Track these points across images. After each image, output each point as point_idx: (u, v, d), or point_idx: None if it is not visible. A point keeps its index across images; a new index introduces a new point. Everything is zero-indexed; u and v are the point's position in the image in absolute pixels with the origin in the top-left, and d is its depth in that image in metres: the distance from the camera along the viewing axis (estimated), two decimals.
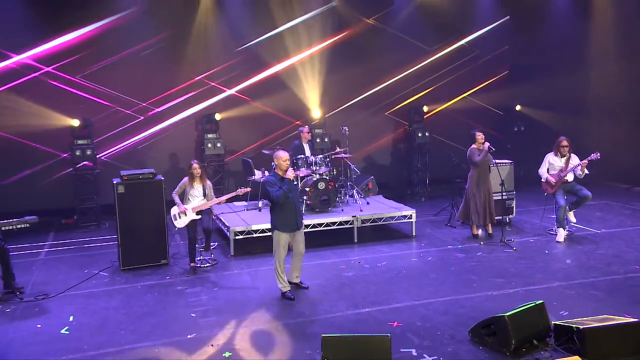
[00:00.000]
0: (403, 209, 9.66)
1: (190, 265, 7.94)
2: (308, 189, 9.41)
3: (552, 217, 9.37)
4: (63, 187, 11.08)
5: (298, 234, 6.91)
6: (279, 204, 6.68)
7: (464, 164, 9.55)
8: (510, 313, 5.28)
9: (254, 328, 6.00)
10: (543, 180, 9.17)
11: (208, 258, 8.29)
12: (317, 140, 12.02)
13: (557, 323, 5.41)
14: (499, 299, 6.56)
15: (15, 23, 10.58)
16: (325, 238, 9.12)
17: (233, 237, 8.64)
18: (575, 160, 8.95)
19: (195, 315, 6.35)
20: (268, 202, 7.28)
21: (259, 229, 8.70)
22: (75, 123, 10.80)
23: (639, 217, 10.34)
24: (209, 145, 11.53)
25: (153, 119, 11.74)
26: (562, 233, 8.94)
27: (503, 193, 9.18)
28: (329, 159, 10.17)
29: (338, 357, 4.77)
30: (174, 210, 7.94)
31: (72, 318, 6.35)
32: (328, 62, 12.47)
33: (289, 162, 6.86)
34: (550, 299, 6.43)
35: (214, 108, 11.95)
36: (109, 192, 8.28)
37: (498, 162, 9.36)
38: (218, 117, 11.73)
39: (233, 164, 12.06)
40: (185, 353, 5.45)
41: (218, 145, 11.57)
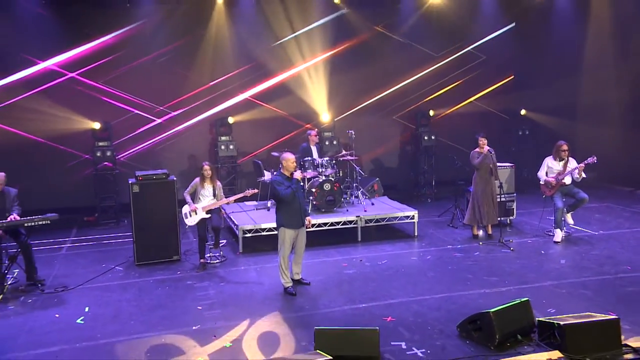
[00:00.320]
0: (405, 210, 9.80)
1: (200, 262, 8.20)
2: (314, 190, 9.61)
3: (550, 218, 9.43)
4: (85, 186, 11.45)
5: (301, 232, 7.14)
6: (285, 203, 6.91)
7: (467, 167, 9.66)
8: (496, 309, 5.41)
9: (256, 321, 6.21)
10: (542, 183, 9.26)
11: (217, 255, 8.52)
12: (326, 143, 12.21)
13: (540, 319, 5.52)
14: (491, 297, 6.67)
15: (43, 33, 10.93)
16: (330, 237, 9.29)
17: (242, 235, 8.89)
18: (573, 164, 9.00)
19: (202, 308, 6.59)
20: (274, 201, 7.50)
21: (267, 228, 8.93)
22: (97, 126, 11.20)
23: (638, 219, 10.30)
24: (222, 147, 11.81)
25: (169, 122, 12.07)
26: (559, 234, 9.01)
27: (501, 195, 9.28)
28: (335, 161, 10.37)
29: (329, 348, 4.96)
30: (185, 209, 8.20)
31: (87, 309, 6.65)
32: (337, 67, 12.64)
33: (296, 163, 7.10)
34: (540, 297, 6.60)
35: (228, 112, 12.23)
36: (127, 191, 8.54)
37: (500, 165, 9.47)
38: (231, 120, 12.02)
39: (245, 165, 12.33)
40: (190, 343, 5.69)
41: (231, 148, 11.85)
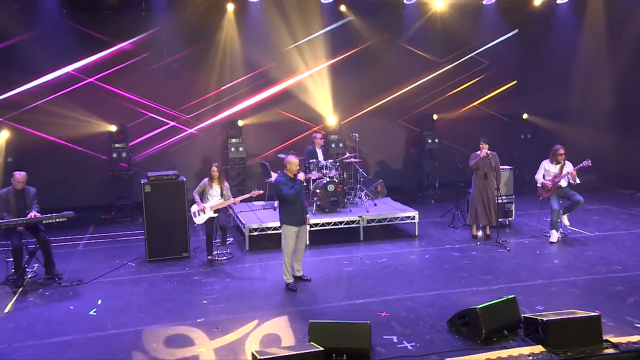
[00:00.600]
0: (406, 211, 9.95)
1: (208, 258, 8.43)
2: (318, 191, 9.80)
3: (547, 220, 9.52)
4: (102, 185, 11.77)
5: (302, 229, 7.35)
6: (288, 202, 7.14)
7: (468, 169, 9.77)
8: (482, 305, 5.56)
9: (257, 314, 6.42)
10: (539, 186, 9.35)
11: (224, 252, 8.74)
12: (332, 146, 12.39)
13: (526, 316, 5.65)
14: (483, 294, 6.78)
15: (64, 40, 11.21)
16: (334, 236, 9.48)
17: (248, 233, 9.12)
18: (569, 167, 9.10)
19: (207, 302, 6.82)
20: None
21: (272, 227, 9.14)
22: (113, 128, 11.52)
23: (636, 221, 10.34)
24: (232, 149, 12.07)
25: (182, 125, 12.35)
26: (555, 235, 9.10)
27: (497, 197, 9.37)
28: (340, 163, 10.56)
29: (323, 340, 5.14)
30: (194, 208, 8.44)
31: (100, 301, 6.92)
32: (344, 73, 12.80)
33: (299, 166, 7.33)
34: (531, 295, 6.73)
35: (238, 115, 12.49)
36: (141, 191, 8.78)
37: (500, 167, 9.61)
38: (240, 123, 12.28)
39: (255, 166, 12.55)
40: (193, 334, 5.93)
41: (240, 149, 12.10)
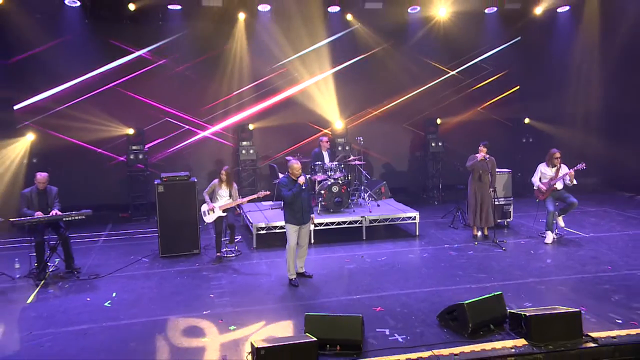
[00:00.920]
0: (408, 211, 10.13)
1: (217, 255, 8.71)
2: (323, 192, 10.03)
3: (544, 221, 9.62)
4: (120, 185, 12.16)
5: (304, 228, 7.58)
6: (288, 202, 7.39)
7: (465, 170, 9.92)
8: (469, 301, 5.73)
9: (260, 308, 6.68)
10: (535, 188, 9.47)
11: (232, 249, 9.02)
12: (338, 148, 12.62)
13: (511, 311, 5.82)
14: (475, 291, 6.93)
15: (85, 48, 11.62)
16: (337, 235, 9.70)
17: (256, 232, 9.38)
18: (565, 170, 9.21)
19: (213, 296, 7.09)
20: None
21: (279, 226, 9.39)
22: (131, 131, 11.88)
23: (631, 223, 10.40)
24: (243, 152, 12.37)
25: (196, 128, 12.69)
26: (550, 236, 9.22)
27: (494, 198, 9.51)
28: (344, 165, 10.77)
29: (318, 332, 5.36)
30: (204, 207, 8.73)
31: (114, 294, 7.23)
32: (351, 79, 13.05)
33: (301, 170, 7.56)
34: (521, 292, 6.89)
35: (249, 119, 12.79)
36: (155, 191, 9.07)
37: (497, 170, 9.73)
38: (251, 127, 12.58)
39: (265, 168, 12.83)
40: (199, 325, 6.20)
41: (251, 152, 12.40)
